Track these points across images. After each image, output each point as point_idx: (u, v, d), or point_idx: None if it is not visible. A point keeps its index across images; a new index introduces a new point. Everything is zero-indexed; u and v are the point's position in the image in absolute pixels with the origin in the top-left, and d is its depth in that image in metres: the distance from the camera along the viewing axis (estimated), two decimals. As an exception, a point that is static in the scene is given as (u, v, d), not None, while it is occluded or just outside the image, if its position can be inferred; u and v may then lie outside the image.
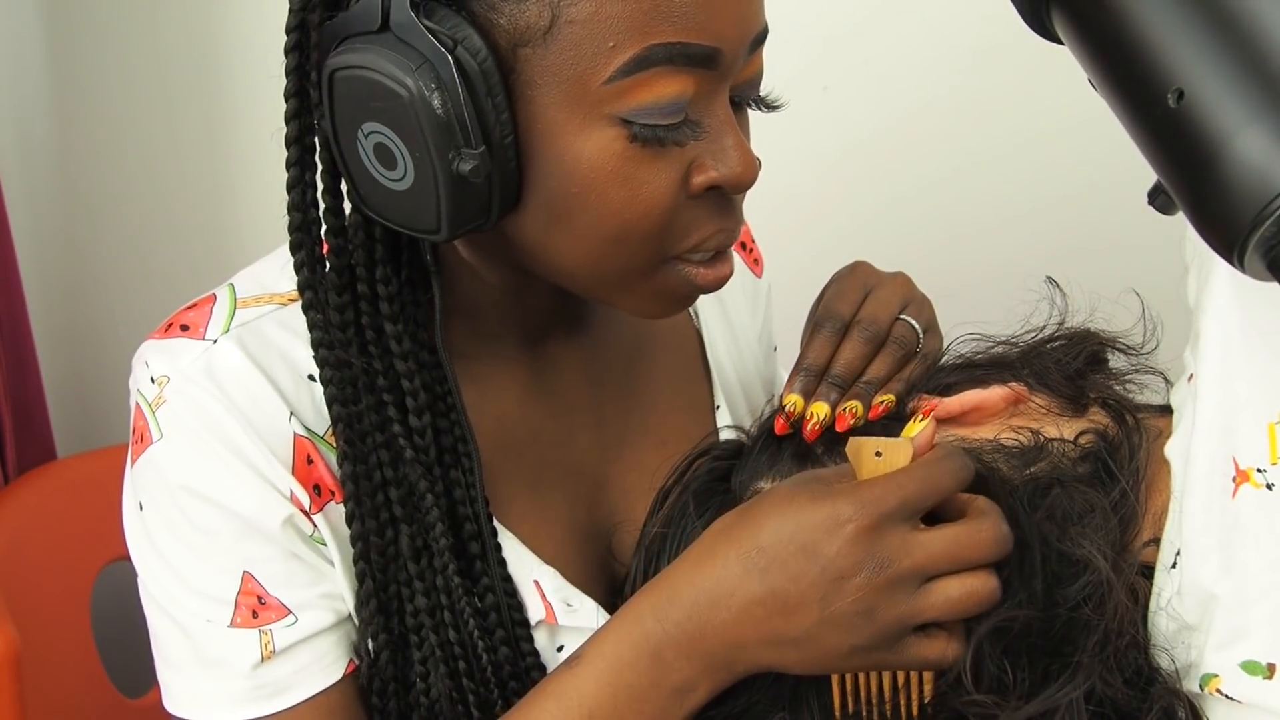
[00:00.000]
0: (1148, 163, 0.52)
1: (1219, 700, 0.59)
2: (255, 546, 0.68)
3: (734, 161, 0.62)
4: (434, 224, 0.62)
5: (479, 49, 0.58)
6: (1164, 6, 0.49)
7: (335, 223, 0.67)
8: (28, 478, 1.28)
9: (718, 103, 0.62)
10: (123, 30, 1.39)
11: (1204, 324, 0.61)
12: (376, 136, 0.60)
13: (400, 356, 0.69)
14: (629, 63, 0.58)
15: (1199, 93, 0.48)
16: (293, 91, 0.65)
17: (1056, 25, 0.54)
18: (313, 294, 0.68)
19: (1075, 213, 1.38)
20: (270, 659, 0.68)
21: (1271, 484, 0.58)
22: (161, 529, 0.69)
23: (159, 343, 0.70)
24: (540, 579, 0.74)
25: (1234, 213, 0.47)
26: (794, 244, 1.28)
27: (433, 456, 0.70)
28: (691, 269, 0.65)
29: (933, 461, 0.61)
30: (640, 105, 0.59)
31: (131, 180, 1.44)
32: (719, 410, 0.85)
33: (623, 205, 0.61)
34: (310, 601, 0.69)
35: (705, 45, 0.59)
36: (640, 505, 0.78)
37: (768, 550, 0.60)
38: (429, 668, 0.71)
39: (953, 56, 1.36)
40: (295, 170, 0.67)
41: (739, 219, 0.66)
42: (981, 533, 0.60)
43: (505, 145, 0.60)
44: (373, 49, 0.59)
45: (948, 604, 0.59)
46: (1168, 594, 0.61)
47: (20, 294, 1.31)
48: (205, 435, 0.67)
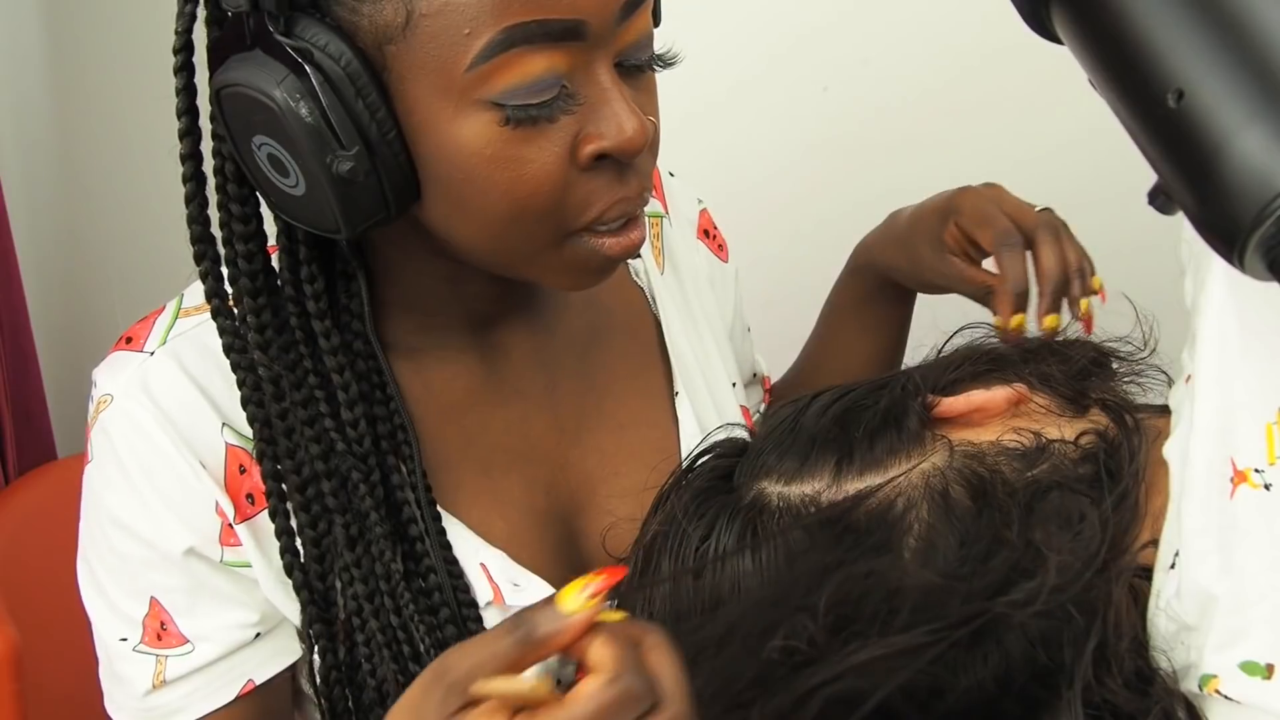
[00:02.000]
0: (1147, 163, 0.52)
1: (1218, 701, 0.59)
2: (160, 575, 0.71)
3: (620, 128, 0.62)
4: (333, 224, 0.63)
5: (341, 53, 0.59)
6: (1164, 6, 0.49)
7: (245, 229, 0.69)
8: (28, 478, 1.29)
9: (598, 71, 0.62)
10: (123, 30, 1.39)
11: (1201, 325, 0.61)
12: (266, 147, 0.62)
13: (329, 352, 0.70)
14: (487, 47, 0.58)
15: (1199, 93, 0.47)
16: (183, 109, 0.68)
17: (1056, 25, 0.54)
18: (219, 301, 0.70)
19: (1075, 213, 1.38)
20: (159, 688, 0.73)
21: (1269, 484, 0.58)
22: (89, 545, 0.74)
23: (110, 357, 0.74)
24: (487, 561, 0.75)
25: (1234, 213, 0.47)
26: (795, 243, 1.28)
27: (367, 447, 0.71)
28: (598, 240, 0.66)
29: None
30: (507, 87, 0.59)
31: (131, 179, 1.44)
32: (678, 397, 0.85)
33: (510, 185, 0.62)
34: (207, 633, 0.72)
35: (565, 19, 0.59)
36: (601, 489, 0.80)
37: None
38: (373, 650, 0.73)
39: (952, 57, 1.36)
40: (192, 185, 0.69)
41: (643, 185, 0.66)
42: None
43: (389, 141, 0.61)
44: (245, 65, 0.61)
45: None
46: (1166, 595, 0.61)
47: (20, 293, 1.31)
48: (127, 461, 0.70)
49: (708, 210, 0.95)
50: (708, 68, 1.29)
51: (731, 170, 1.36)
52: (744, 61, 1.36)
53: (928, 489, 0.65)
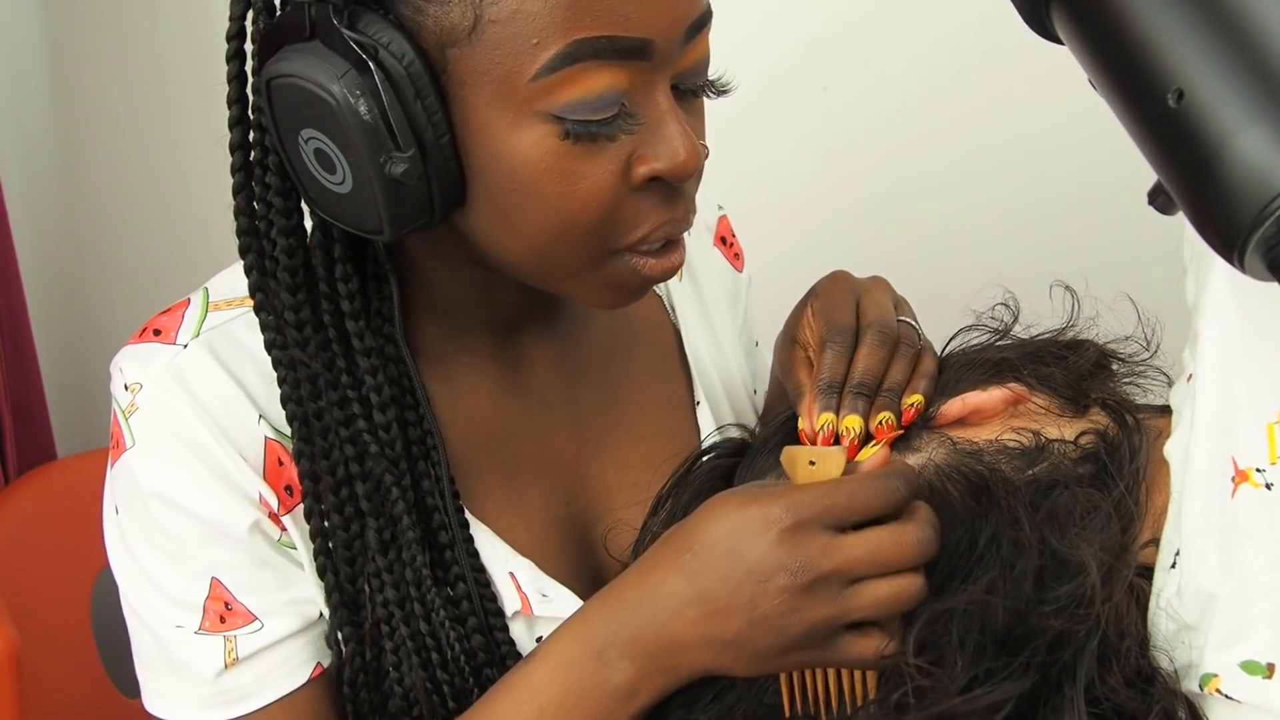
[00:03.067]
0: (1148, 163, 0.52)
1: (1219, 700, 0.59)
2: (222, 553, 0.69)
3: (675, 151, 0.62)
4: (376, 225, 0.62)
5: (404, 52, 0.58)
6: (1164, 6, 0.49)
7: (286, 224, 0.68)
8: (28, 478, 1.29)
9: (657, 92, 0.62)
10: (123, 30, 1.39)
11: (1202, 325, 0.61)
12: (315, 142, 0.61)
13: (362, 354, 0.70)
14: (554, 59, 0.58)
15: (1199, 93, 0.47)
16: (234, 98, 0.66)
17: (1056, 25, 0.54)
18: (264, 296, 0.69)
19: (1074, 213, 1.38)
20: (233, 666, 0.70)
21: (1270, 484, 0.58)
22: (135, 534, 0.71)
23: (133, 348, 0.71)
24: (515, 570, 0.75)
25: (1234, 213, 0.47)
26: (795, 243, 1.28)
27: (399, 451, 0.71)
28: (640, 260, 0.66)
29: (865, 478, 0.62)
30: (570, 101, 0.59)
31: (131, 180, 1.44)
32: (699, 406, 0.85)
33: (561, 200, 0.61)
34: (276, 608, 0.70)
35: (633, 37, 0.58)
36: (620, 499, 0.79)
37: (699, 554, 0.61)
38: (401, 658, 0.72)
39: (952, 57, 1.36)
40: (240, 175, 0.68)
41: (688, 208, 0.66)
42: (904, 536, 0.60)
43: (442, 145, 0.60)
44: (302, 57, 0.59)
45: (875, 604, 0.60)
46: (1167, 594, 0.61)
47: (20, 294, 1.31)
48: (174, 442, 0.68)
49: (727, 217, 0.94)
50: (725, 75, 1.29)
51: (746, 180, 1.36)
52: (754, 71, 1.36)
53: (929, 488, 0.65)
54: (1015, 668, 0.60)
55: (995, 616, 0.61)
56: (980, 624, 0.61)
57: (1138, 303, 0.72)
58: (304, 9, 0.59)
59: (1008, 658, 0.61)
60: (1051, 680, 0.61)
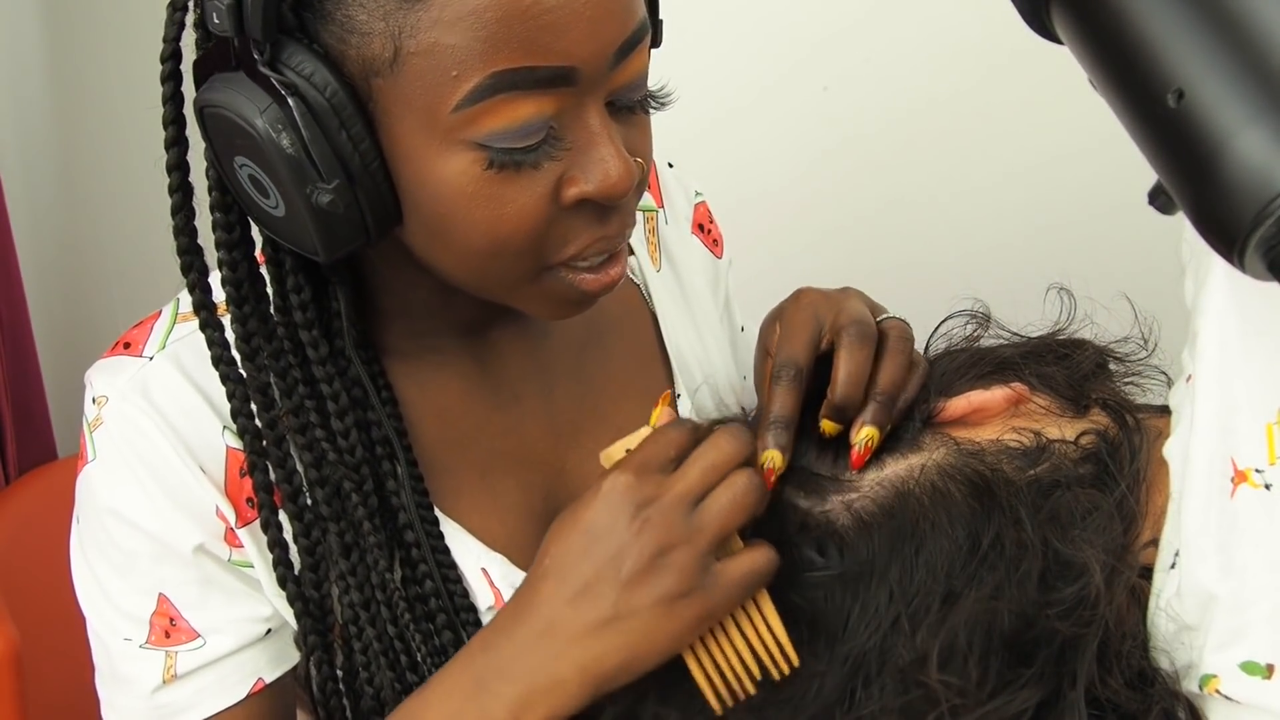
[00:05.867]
0: (1148, 163, 0.52)
1: (1218, 700, 0.59)
2: (170, 570, 0.70)
3: (606, 173, 0.61)
4: (313, 247, 0.63)
5: (327, 83, 0.58)
6: (1164, 6, 0.49)
7: (227, 238, 0.68)
8: (28, 478, 1.29)
9: (588, 114, 0.61)
10: (123, 30, 1.39)
11: (1201, 325, 0.61)
12: (247, 169, 0.62)
13: (317, 362, 0.70)
14: (474, 91, 0.57)
15: (1199, 93, 0.47)
16: (169, 119, 0.67)
17: (1056, 25, 0.54)
18: (206, 313, 0.70)
19: (1075, 213, 1.38)
20: (170, 683, 0.71)
21: (1270, 484, 0.58)
22: (90, 545, 0.72)
23: (104, 362, 0.72)
24: (488, 566, 0.75)
25: (1234, 212, 0.47)
26: (795, 242, 1.28)
27: (359, 456, 0.71)
28: (576, 276, 0.66)
29: (663, 428, 0.65)
30: (493, 130, 0.59)
31: (131, 180, 1.44)
32: (679, 398, 0.85)
33: (489, 224, 0.61)
34: (220, 625, 0.71)
35: (555, 66, 0.58)
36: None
37: (553, 553, 0.63)
38: (370, 658, 0.73)
39: (953, 57, 1.36)
40: (178, 195, 0.68)
41: (624, 223, 0.66)
42: (718, 441, 0.63)
43: (371, 171, 0.60)
44: (229, 89, 0.60)
45: (721, 511, 0.62)
46: (1167, 595, 0.61)
47: (20, 294, 1.31)
48: (132, 459, 0.69)
49: (706, 203, 0.94)
50: (717, 78, 1.29)
51: (746, 179, 1.36)
52: (752, 72, 1.36)
53: (931, 487, 0.65)
54: (1030, 675, 0.60)
55: (1002, 621, 0.61)
56: (987, 629, 0.61)
57: (1136, 303, 0.72)
58: (228, 41, 0.59)
59: (1016, 662, 0.61)
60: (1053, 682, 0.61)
